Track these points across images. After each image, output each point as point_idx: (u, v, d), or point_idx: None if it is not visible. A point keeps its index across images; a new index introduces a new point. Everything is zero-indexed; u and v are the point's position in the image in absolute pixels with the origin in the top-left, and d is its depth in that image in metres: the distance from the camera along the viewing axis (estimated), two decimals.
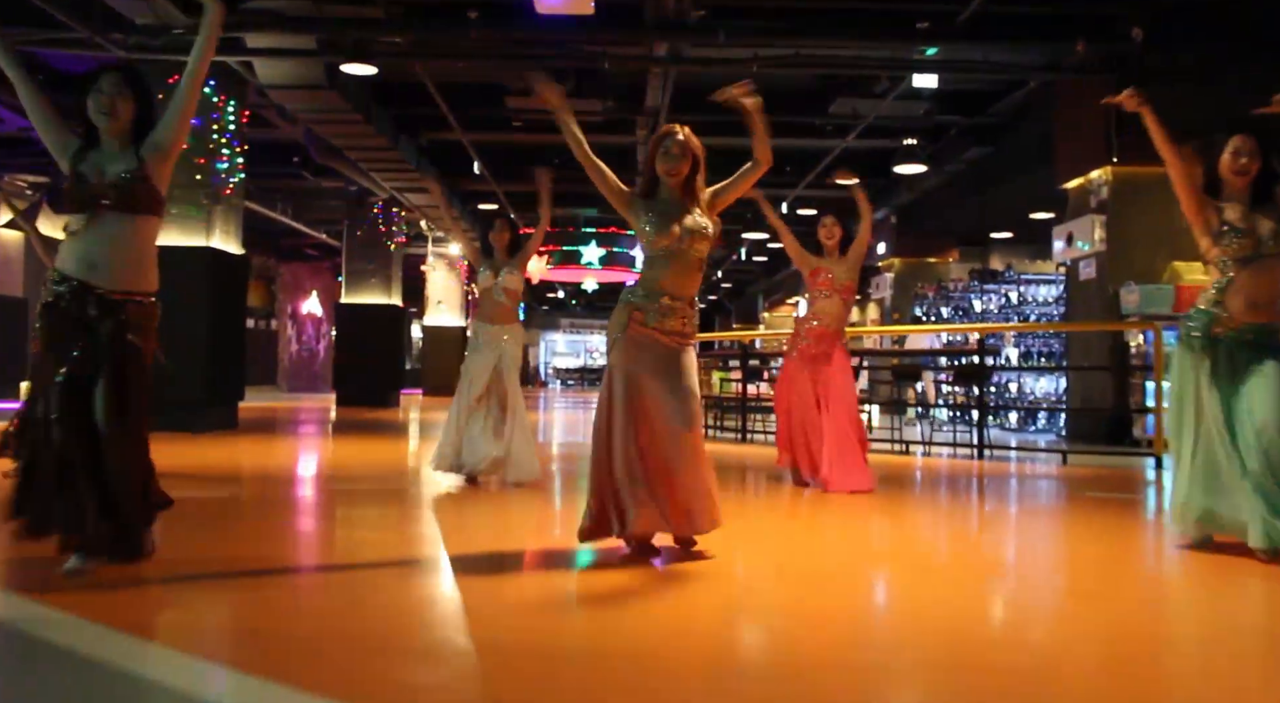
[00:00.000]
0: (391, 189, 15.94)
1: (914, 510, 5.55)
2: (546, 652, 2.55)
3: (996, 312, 13.66)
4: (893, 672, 2.50)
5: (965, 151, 13.47)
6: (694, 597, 3.20)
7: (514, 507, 5.32)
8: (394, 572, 3.56)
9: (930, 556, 4.23)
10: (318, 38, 9.34)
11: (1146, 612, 3.24)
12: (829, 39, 9.24)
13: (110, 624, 2.68)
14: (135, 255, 3.38)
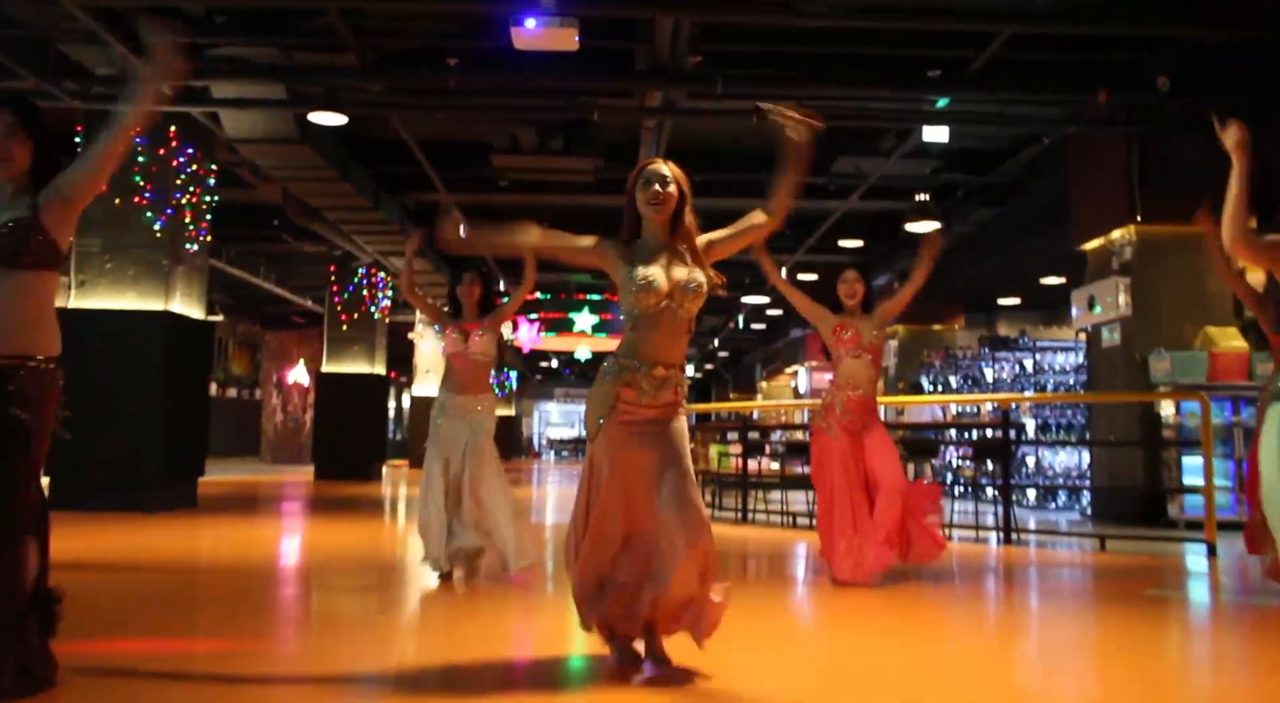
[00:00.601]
0: (375, 253, 15.33)
1: (941, 613, 4.75)
2: None
3: (1010, 381, 12.93)
4: None
5: (973, 213, 12.90)
6: None
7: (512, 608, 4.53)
8: None
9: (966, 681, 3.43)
10: (287, 87, 8.75)
11: None
12: (836, 88, 8.63)
13: None
14: (28, 314, 2.85)
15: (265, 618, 4.29)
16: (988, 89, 8.64)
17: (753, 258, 5.46)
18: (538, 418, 44.38)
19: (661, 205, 3.20)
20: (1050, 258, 12.31)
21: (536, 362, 33.75)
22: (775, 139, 3.44)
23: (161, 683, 3.01)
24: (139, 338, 8.93)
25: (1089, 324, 10.26)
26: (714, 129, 10.33)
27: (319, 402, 17.72)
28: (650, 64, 8.20)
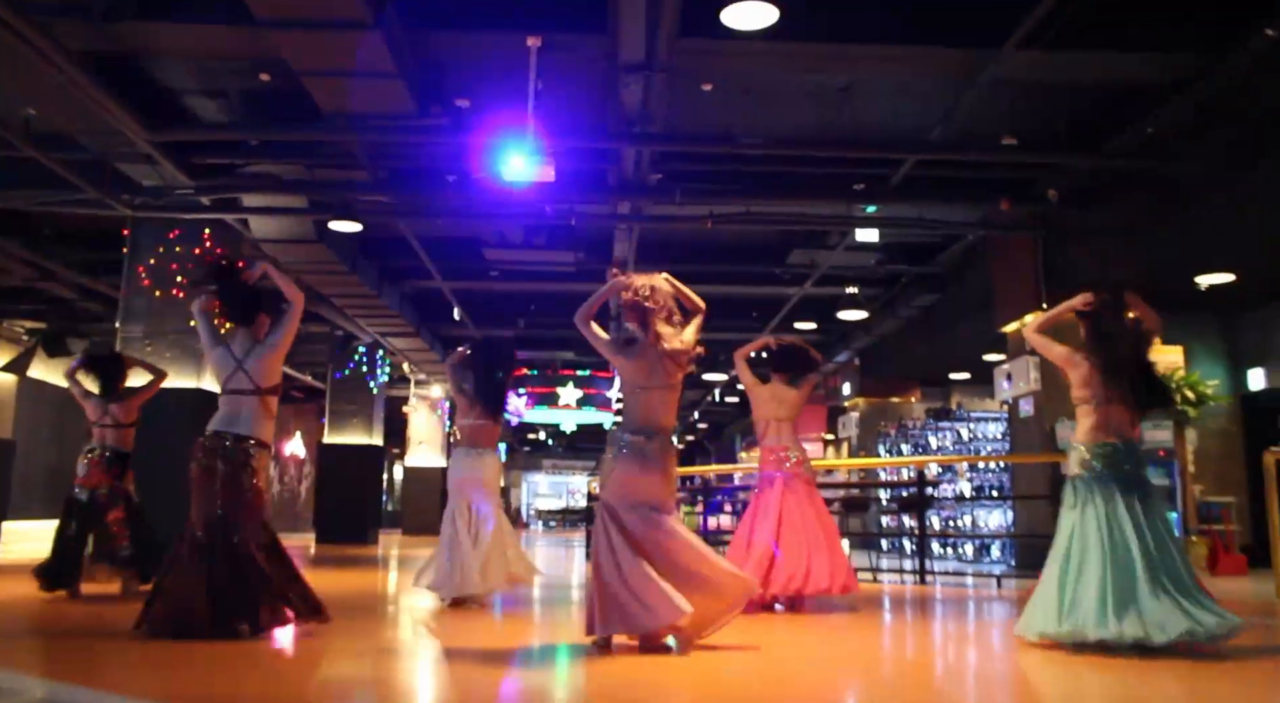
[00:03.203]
0: (375, 333, 16.69)
1: (852, 629, 6.04)
2: None
3: (951, 447, 14.28)
4: None
5: (916, 298, 14.35)
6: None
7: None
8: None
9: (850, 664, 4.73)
10: (309, 198, 10.21)
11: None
12: (775, 199, 10.16)
13: None
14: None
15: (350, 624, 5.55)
16: (906, 199, 10.16)
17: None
18: (526, 489, 45.31)
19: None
20: (985, 339, 13.72)
21: (525, 434, 34.93)
22: (733, 236, 4.95)
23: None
24: (174, 412, 10.20)
25: (1010, 397, 11.66)
26: (676, 229, 11.78)
27: (320, 470, 18.94)
28: (619, 180, 9.70)
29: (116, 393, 7.20)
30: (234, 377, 5.01)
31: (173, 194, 9.99)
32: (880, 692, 3.96)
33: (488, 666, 4.35)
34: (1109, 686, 4.03)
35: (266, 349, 5.02)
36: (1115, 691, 3.95)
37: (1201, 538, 10.30)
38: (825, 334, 17.34)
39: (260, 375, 4.99)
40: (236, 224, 10.81)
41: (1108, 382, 4.88)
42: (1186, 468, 10.49)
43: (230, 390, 5.00)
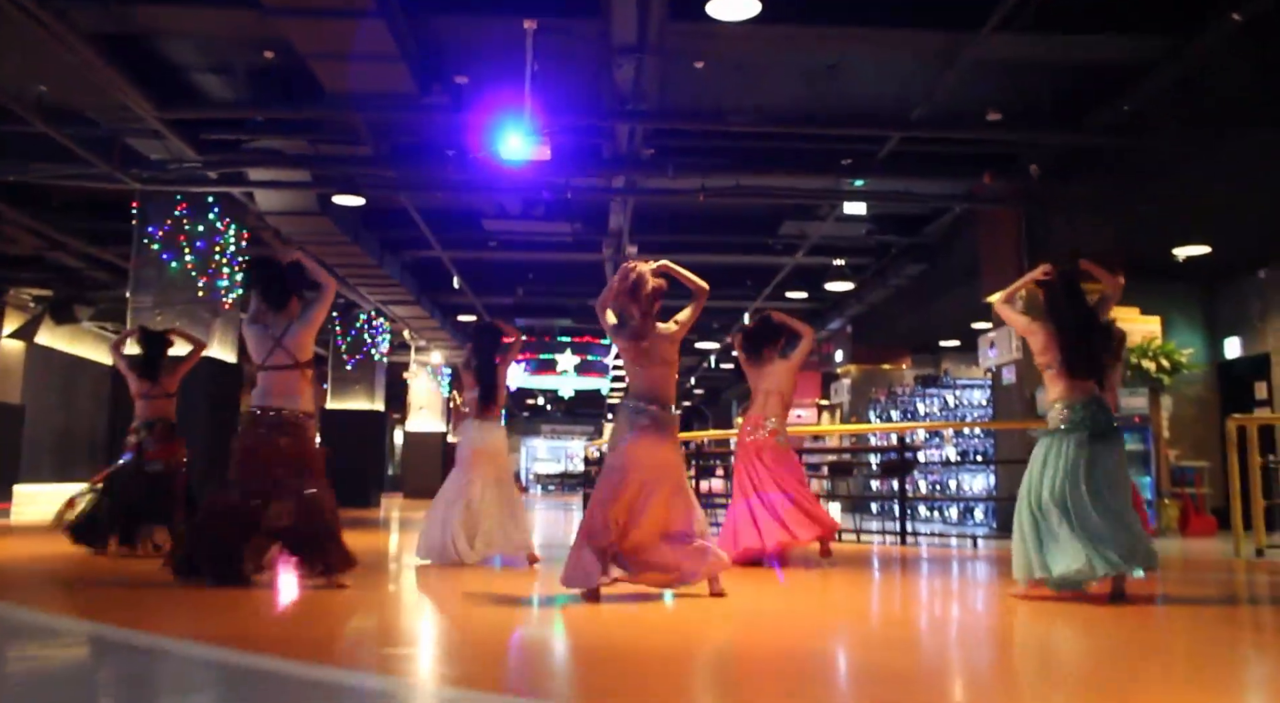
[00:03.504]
0: (376, 302, 17.03)
1: (832, 583, 6.45)
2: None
3: (938, 413, 14.68)
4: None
5: (906, 268, 14.68)
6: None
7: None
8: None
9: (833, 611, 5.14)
10: (312, 172, 10.51)
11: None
12: (765, 173, 10.47)
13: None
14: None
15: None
16: (893, 174, 10.48)
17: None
18: (525, 453, 45.83)
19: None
20: (972, 307, 14.07)
21: (523, 399, 35.36)
22: (727, 208, 5.28)
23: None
24: (184, 379, 10.56)
25: (994, 365, 12.04)
26: (668, 201, 12.09)
27: (324, 435, 19.33)
28: (613, 155, 10.01)
29: (159, 370, 7.53)
30: (273, 353, 5.37)
31: (180, 168, 10.30)
32: (829, 633, 4.36)
33: (483, 613, 4.75)
34: (1072, 632, 4.43)
35: (301, 326, 5.41)
36: (1082, 637, 4.34)
37: (1174, 501, 10.73)
38: (818, 302, 17.69)
39: (297, 350, 5.37)
40: (242, 197, 11.12)
41: (1063, 346, 5.23)
42: (1161, 434, 10.88)
43: (270, 366, 5.37)
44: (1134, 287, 11.21)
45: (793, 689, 3.09)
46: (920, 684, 3.20)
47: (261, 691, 2.99)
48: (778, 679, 3.23)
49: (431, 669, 3.44)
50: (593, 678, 3.30)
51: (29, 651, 3.73)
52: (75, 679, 3.23)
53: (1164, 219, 10.29)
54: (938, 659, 3.78)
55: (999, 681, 3.41)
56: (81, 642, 3.96)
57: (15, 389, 17.89)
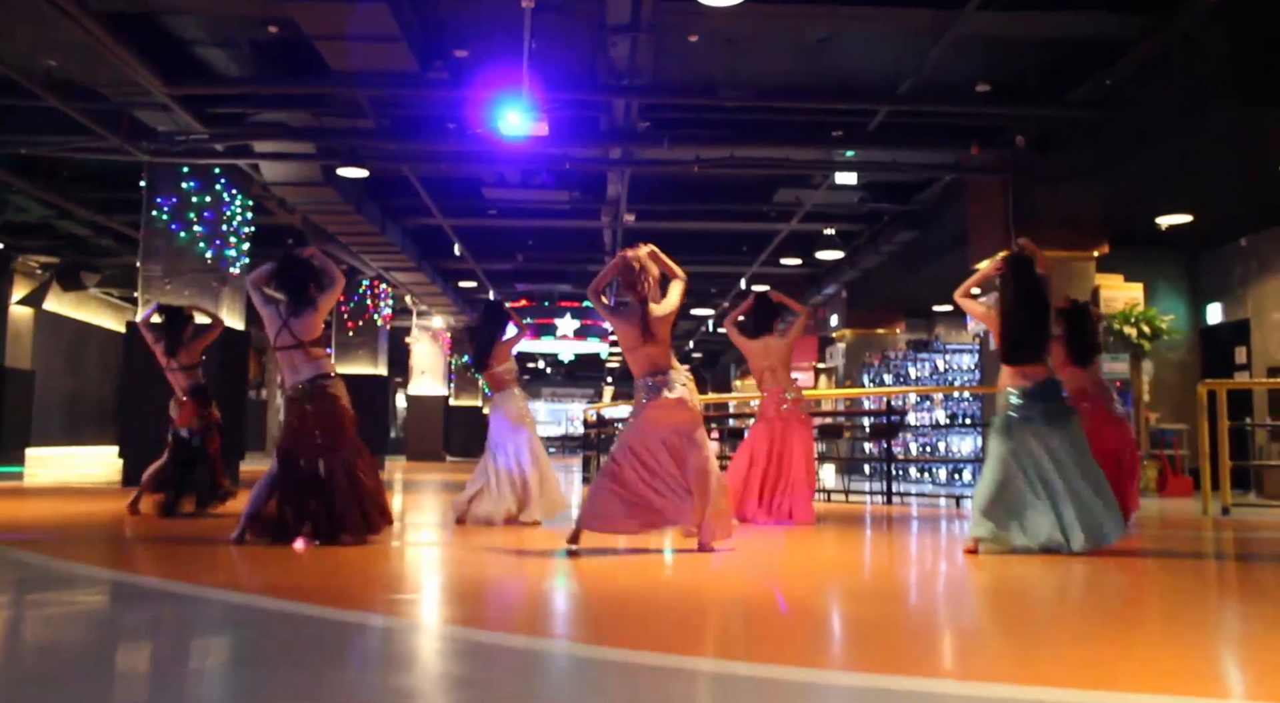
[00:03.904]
0: (379, 268, 17.31)
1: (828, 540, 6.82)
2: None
3: (928, 377, 15.03)
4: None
5: (897, 235, 14.96)
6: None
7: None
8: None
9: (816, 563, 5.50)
10: (317, 144, 10.77)
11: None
12: (758, 144, 10.73)
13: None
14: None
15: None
16: (882, 145, 10.73)
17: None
18: None
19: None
20: (962, 274, 14.31)
21: (524, 363, 35.72)
22: (723, 176, 5.55)
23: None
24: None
25: (980, 331, 12.36)
26: (664, 171, 12.35)
27: None
28: (610, 127, 10.26)
29: (179, 347, 7.86)
30: (280, 334, 5.84)
31: (188, 141, 10.55)
32: (815, 583, 4.72)
33: (499, 563, 5.11)
34: (1038, 580, 4.78)
35: (310, 312, 5.82)
36: (1043, 582, 4.70)
37: (1152, 462, 11.09)
38: (813, 268, 17.97)
39: (301, 331, 5.83)
40: (248, 168, 11.38)
41: (1010, 331, 5.52)
42: (1141, 397, 11.23)
43: (280, 347, 5.88)
44: (1118, 254, 11.64)
45: (784, 634, 3.44)
46: (900, 632, 3.55)
47: (290, 631, 3.35)
48: (772, 625, 3.58)
49: (438, 612, 3.80)
50: (595, 620, 3.66)
51: (82, 598, 4.10)
52: (124, 623, 3.60)
53: (1147, 189, 10.56)
54: (917, 609, 4.14)
55: (978, 627, 3.77)
56: (128, 591, 4.33)
57: (25, 355, 18.23)
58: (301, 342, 5.82)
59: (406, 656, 3.08)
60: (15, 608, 3.86)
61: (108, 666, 2.87)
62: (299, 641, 3.22)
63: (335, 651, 3.07)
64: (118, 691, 2.61)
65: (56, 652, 3.04)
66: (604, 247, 16.30)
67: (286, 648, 3.09)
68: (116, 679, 2.74)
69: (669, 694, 2.59)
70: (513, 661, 2.96)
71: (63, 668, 2.76)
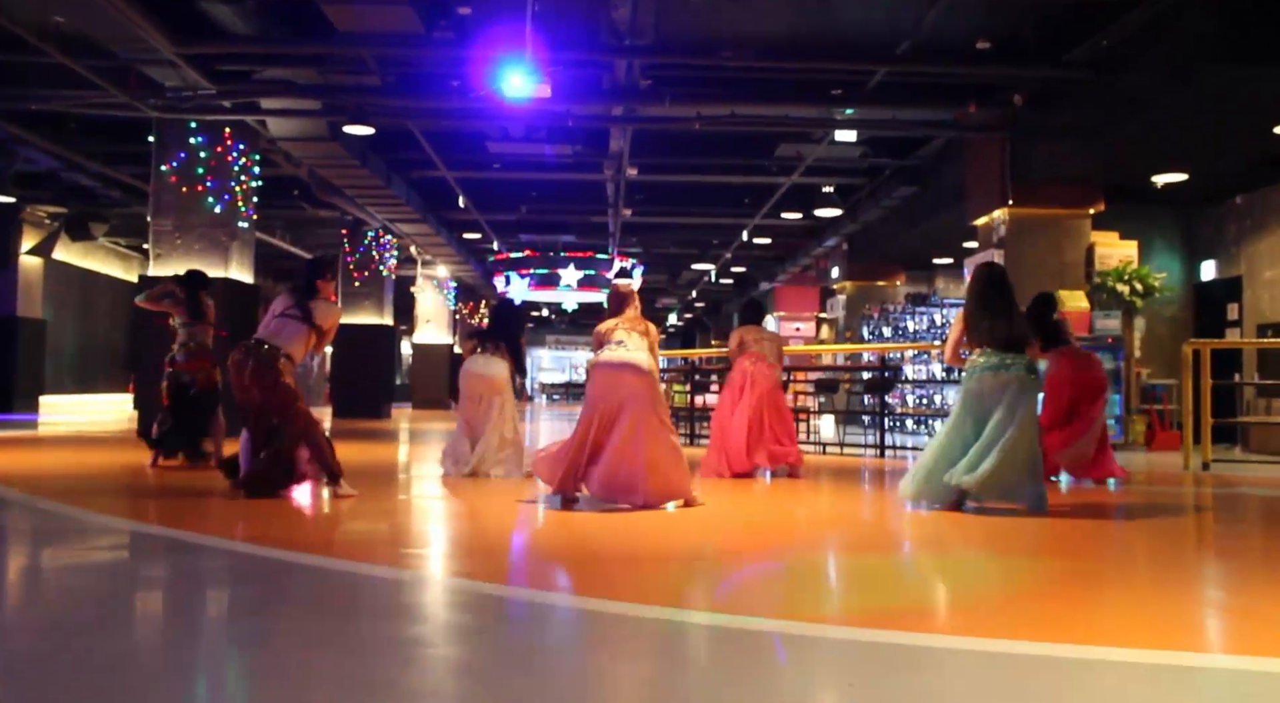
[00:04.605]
0: (384, 219, 17.48)
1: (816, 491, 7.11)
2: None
3: (926, 331, 15.24)
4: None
5: (897, 190, 15.08)
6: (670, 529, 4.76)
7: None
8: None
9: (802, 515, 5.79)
10: (323, 101, 10.90)
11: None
12: (758, 102, 10.84)
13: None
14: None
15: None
16: (881, 102, 10.84)
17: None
18: (531, 364, 46.63)
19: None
20: (962, 228, 14.52)
21: (529, 311, 35.97)
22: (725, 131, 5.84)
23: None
24: None
25: None
26: (666, 128, 12.46)
27: (334, 350, 19.99)
28: (612, 86, 10.38)
29: (200, 305, 8.03)
30: (268, 326, 6.03)
31: (195, 97, 10.68)
32: (801, 537, 5.00)
33: (485, 517, 5.40)
34: (992, 533, 5.06)
35: (296, 331, 5.98)
36: (996, 533, 4.97)
37: (1141, 416, 11.35)
38: (814, 221, 18.10)
39: (281, 339, 5.95)
40: (255, 125, 11.52)
41: (978, 325, 5.75)
42: (1132, 354, 11.45)
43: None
44: (1114, 212, 11.79)
45: (768, 585, 3.72)
46: (880, 582, 3.82)
47: (294, 581, 3.63)
48: (755, 575, 3.86)
49: (442, 565, 4.09)
50: (590, 574, 3.94)
51: (98, 549, 4.39)
52: (140, 574, 3.89)
53: (1143, 148, 10.67)
54: (893, 560, 4.42)
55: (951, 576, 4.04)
56: (144, 543, 4.62)
57: (36, 304, 18.48)
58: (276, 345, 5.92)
59: (411, 607, 3.36)
60: (36, 558, 4.16)
61: (125, 615, 3.16)
62: (309, 592, 3.51)
63: (345, 601, 3.35)
64: (134, 640, 2.90)
65: (77, 602, 3.32)
66: (607, 199, 16.43)
67: (298, 598, 3.37)
68: (135, 626, 3.03)
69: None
70: (516, 612, 3.24)
71: (84, 617, 3.04)
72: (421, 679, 2.44)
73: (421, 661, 2.59)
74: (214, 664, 2.61)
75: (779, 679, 2.43)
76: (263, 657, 2.63)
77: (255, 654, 2.67)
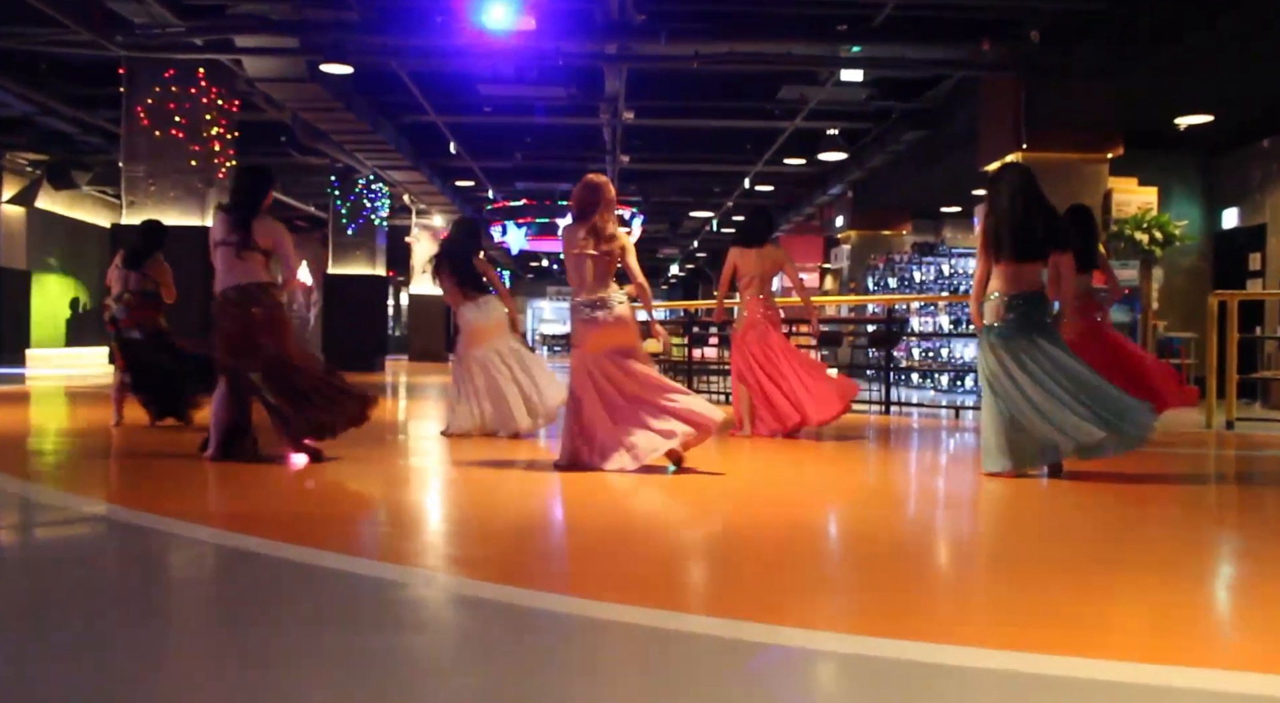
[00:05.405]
0: (374, 166, 16.93)
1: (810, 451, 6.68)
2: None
3: (933, 282, 14.72)
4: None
5: (905, 134, 14.49)
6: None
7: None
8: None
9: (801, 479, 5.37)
10: (300, 39, 10.32)
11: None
12: (760, 39, 10.25)
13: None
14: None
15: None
16: (889, 39, 10.25)
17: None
18: (531, 315, 46.14)
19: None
20: (970, 175, 13.95)
21: (527, 262, 35.42)
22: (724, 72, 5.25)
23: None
24: (180, 250, 10.64)
25: None
26: (662, 67, 11.87)
27: (326, 301, 19.54)
28: (605, 21, 9.79)
29: (144, 260, 7.50)
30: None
31: (164, 34, 10.11)
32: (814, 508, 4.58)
33: (481, 483, 4.98)
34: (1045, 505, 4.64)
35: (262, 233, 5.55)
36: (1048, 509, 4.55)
37: None
38: (817, 167, 17.53)
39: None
40: (231, 64, 10.95)
41: (1001, 232, 5.21)
42: (1150, 306, 10.96)
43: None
44: (1133, 157, 11.21)
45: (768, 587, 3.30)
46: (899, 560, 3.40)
47: (255, 571, 3.20)
48: (747, 575, 3.44)
49: (438, 559, 3.65)
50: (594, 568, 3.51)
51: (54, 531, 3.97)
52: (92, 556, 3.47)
53: (1166, 87, 10.09)
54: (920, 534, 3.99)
55: (975, 553, 3.62)
56: (105, 524, 4.20)
57: (20, 254, 18.02)
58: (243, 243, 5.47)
59: (400, 606, 2.93)
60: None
61: (85, 614, 2.73)
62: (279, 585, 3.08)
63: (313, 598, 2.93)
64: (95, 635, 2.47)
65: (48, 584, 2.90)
66: (604, 144, 15.86)
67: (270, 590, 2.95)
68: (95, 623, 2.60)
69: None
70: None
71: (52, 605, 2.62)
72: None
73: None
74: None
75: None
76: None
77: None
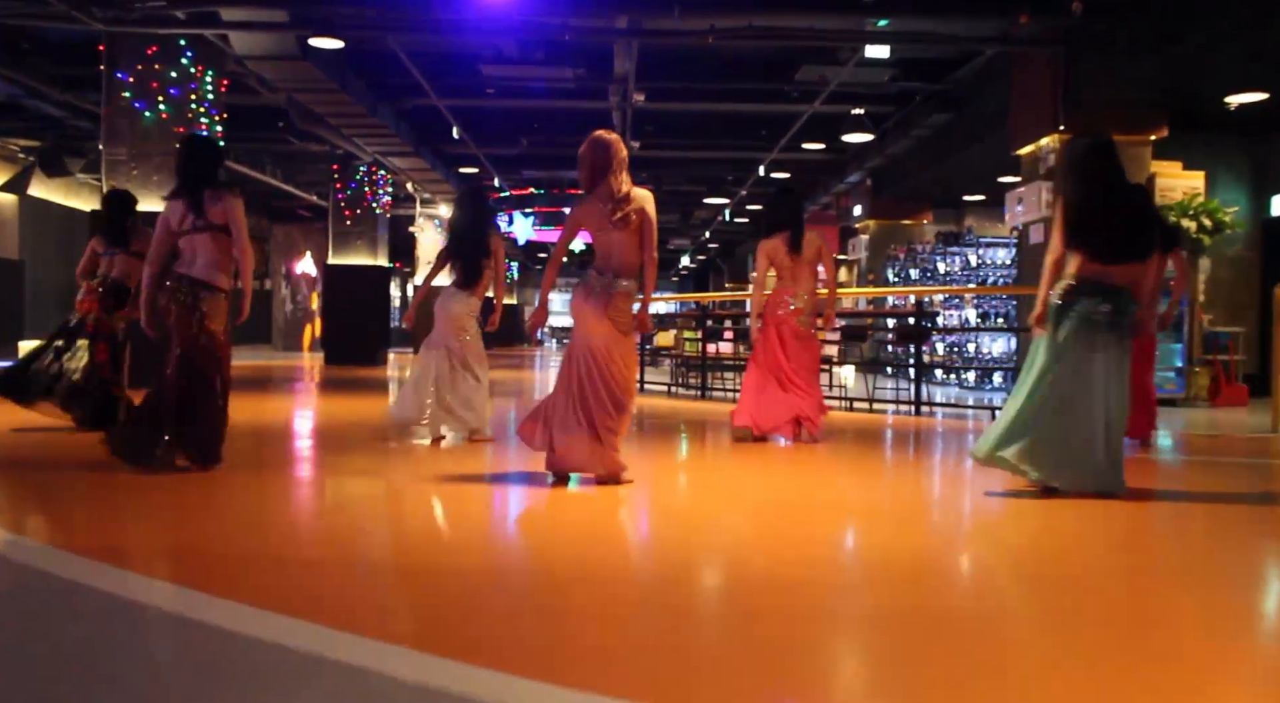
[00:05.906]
0: (374, 153, 16.29)
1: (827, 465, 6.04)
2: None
3: (959, 272, 14.04)
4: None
5: (930, 117, 13.79)
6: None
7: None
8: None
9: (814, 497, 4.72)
10: (289, 12, 9.69)
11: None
12: (780, 12, 9.57)
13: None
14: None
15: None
16: (919, 12, 9.56)
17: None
18: None
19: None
20: (999, 160, 13.25)
21: (535, 253, 34.75)
22: (739, 52, 4.59)
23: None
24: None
25: (1020, 223, 11.34)
26: (677, 43, 11.21)
27: (326, 292, 18.92)
28: None
29: (127, 235, 6.91)
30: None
31: (146, 8, 9.49)
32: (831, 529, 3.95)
33: (455, 489, 4.36)
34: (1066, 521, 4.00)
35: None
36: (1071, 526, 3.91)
37: (1205, 368, 10.21)
38: (836, 154, 16.83)
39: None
40: (217, 40, 10.32)
41: (1080, 220, 4.55)
42: (1196, 298, 10.28)
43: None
44: (1177, 139, 10.49)
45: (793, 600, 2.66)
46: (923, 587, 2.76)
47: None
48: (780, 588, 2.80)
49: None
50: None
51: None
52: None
53: (1214, 62, 9.38)
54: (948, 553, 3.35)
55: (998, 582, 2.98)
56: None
57: (13, 244, 17.48)
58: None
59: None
60: None
61: None
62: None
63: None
64: None
65: None
66: (613, 130, 15.16)
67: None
68: None
69: None
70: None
71: None
72: None
73: None
74: None
75: None
76: None
77: None
